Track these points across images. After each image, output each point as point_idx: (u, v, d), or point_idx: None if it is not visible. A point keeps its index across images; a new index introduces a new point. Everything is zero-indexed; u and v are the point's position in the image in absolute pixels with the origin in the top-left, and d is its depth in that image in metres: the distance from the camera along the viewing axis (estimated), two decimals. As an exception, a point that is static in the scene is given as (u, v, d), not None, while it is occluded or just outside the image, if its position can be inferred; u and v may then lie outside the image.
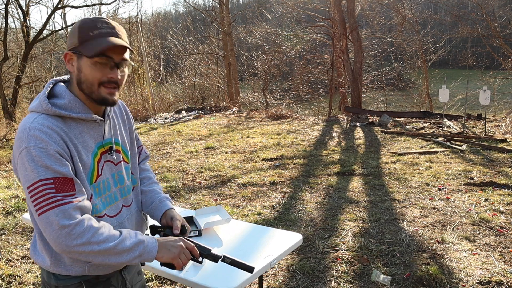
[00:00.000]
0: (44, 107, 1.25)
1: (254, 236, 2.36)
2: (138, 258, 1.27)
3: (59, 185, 1.18)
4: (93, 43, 1.24)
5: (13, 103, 15.85)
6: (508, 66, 18.15)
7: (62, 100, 1.28)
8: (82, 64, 1.26)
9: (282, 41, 20.52)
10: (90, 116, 1.31)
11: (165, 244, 1.32)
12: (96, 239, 1.19)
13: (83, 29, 1.25)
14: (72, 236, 1.17)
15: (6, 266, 3.55)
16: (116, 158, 1.44)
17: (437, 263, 3.37)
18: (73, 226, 1.17)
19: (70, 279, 1.35)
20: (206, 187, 5.87)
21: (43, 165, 1.18)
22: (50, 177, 1.18)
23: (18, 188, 6.06)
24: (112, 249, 1.21)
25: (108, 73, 1.28)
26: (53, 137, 1.21)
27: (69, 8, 28.70)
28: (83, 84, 1.28)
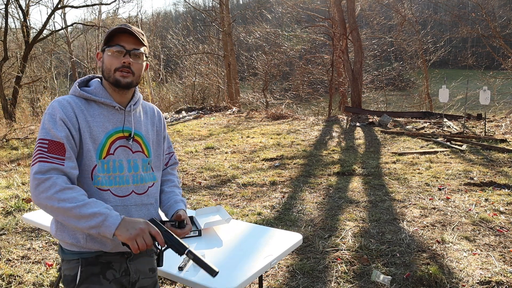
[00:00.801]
0: (73, 89, 1.55)
1: (254, 236, 2.36)
2: (96, 229, 1.34)
3: (51, 147, 1.40)
4: (107, 35, 1.53)
5: (13, 103, 15.85)
6: (508, 66, 18.15)
7: (90, 87, 1.56)
8: (104, 56, 1.54)
9: (282, 41, 20.52)
10: (110, 102, 1.54)
11: (127, 223, 1.36)
12: (59, 196, 1.33)
13: (110, 31, 1.53)
14: (40, 188, 1.34)
15: (6, 266, 3.55)
16: (134, 147, 1.59)
17: (437, 263, 3.37)
18: (43, 180, 1.35)
19: (72, 254, 1.50)
20: (206, 187, 5.87)
21: (47, 127, 1.43)
22: (47, 138, 1.41)
23: (18, 188, 6.06)
24: (70, 210, 1.33)
25: (122, 60, 1.52)
26: (66, 108, 1.46)
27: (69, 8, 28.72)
28: (105, 72, 1.54)
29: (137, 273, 1.59)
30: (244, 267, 1.96)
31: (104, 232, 1.35)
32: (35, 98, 20.45)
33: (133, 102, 1.61)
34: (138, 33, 1.54)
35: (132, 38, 1.52)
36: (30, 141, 10.34)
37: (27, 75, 19.39)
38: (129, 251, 1.44)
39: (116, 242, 1.48)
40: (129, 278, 1.57)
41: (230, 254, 2.13)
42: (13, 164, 7.88)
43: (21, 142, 10.29)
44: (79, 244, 1.48)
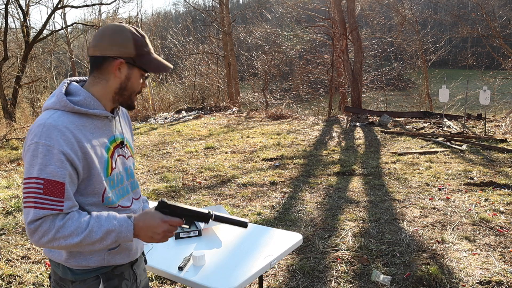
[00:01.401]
0: (62, 103, 1.31)
1: (254, 236, 2.36)
2: (114, 244, 1.30)
3: (48, 188, 1.22)
4: (151, 60, 1.40)
5: (13, 103, 15.85)
6: (508, 66, 18.15)
7: (78, 97, 1.34)
8: (132, 74, 1.39)
9: (282, 41, 20.52)
10: (104, 113, 1.38)
11: (146, 229, 1.31)
12: (62, 234, 1.22)
13: (138, 43, 1.37)
14: (39, 234, 1.21)
15: (6, 266, 3.55)
16: (126, 152, 1.51)
17: (437, 263, 3.37)
18: (38, 226, 1.21)
19: (87, 273, 1.38)
20: (206, 187, 5.87)
21: (42, 163, 1.22)
22: (43, 177, 1.21)
23: (18, 188, 6.06)
24: (80, 242, 1.24)
25: (142, 85, 1.45)
26: (66, 136, 1.26)
27: (69, 8, 28.70)
28: (126, 91, 1.40)
29: (140, 276, 1.58)
30: (244, 267, 1.96)
31: (122, 242, 1.32)
32: (35, 98, 20.46)
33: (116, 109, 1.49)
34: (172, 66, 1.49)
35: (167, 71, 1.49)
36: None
37: (27, 75, 19.39)
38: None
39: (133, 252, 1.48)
40: (137, 284, 1.54)
41: (230, 254, 2.13)
42: (13, 164, 7.88)
43: (21, 142, 10.30)
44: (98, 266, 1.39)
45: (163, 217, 1.32)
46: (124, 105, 1.45)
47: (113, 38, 1.35)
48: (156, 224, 1.31)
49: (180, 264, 1.98)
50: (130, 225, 1.29)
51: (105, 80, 1.38)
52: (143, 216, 1.33)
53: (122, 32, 1.35)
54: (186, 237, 2.35)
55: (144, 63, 1.38)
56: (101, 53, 1.35)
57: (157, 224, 1.31)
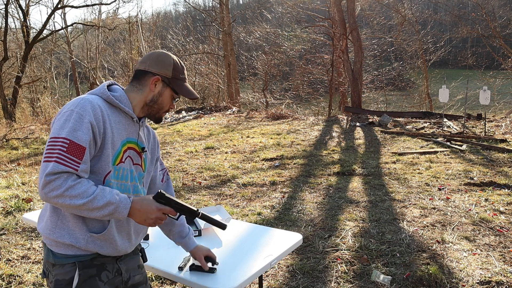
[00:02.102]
0: (101, 91, 1.54)
1: (254, 236, 2.36)
2: (109, 216, 1.43)
3: (72, 148, 1.38)
4: (183, 85, 1.65)
5: (13, 103, 15.85)
6: (508, 66, 18.15)
7: (116, 93, 1.58)
8: (164, 92, 1.62)
9: (282, 41, 20.52)
10: (131, 112, 1.58)
11: (141, 212, 1.47)
12: (70, 193, 1.35)
13: (176, 69, 1.63)
14: (50, 187, 1.34)
15: (6, 266, 3.55)
16: (138, 160, 1.65)
17: (437, 263, 3.37)
18: (53, 179, 1.34)
19: (65, 258, 1.50)
20: (206, 187, 5.87)
21: (72, 127, 1.39)
22: (69, 138, 1.38)
23: (18, 188, 6.06)
24: (82, 205, 1.37)
25: (171, 104, 1.67)
26: (96, 111, 1.45)
27: (69, 8, 28.72)
28: (156, 105, 1.63)
29: (127, 271, 1.66)
30: (244, 267, 1.96)
31: (117, 218, 1.45)
32: (35, 98, 20.46)
33: (144, 118, 1.68)
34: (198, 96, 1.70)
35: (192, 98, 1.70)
36: (30, 141, 10.34)
37: (27, 75, 19.39)
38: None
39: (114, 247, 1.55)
40: (121, 278, 1.62)
41: (230, 254, 2.13)
42: (13, 164, 7.88)
43: (21, 142, 10.30)
44: (78, 246, 1.48)
45: (158, 206, 1.50)
46: (152, 118, 1.66)
47: (159, 59, 1.61)
48: (151, 209, 1.48)
49: (180, 264, 1.98)
50: (128, 203, 1.44)
51: (141, 91, 1.61)
52: (141, 200, 1.49)
53: (167, 57, 1.62)
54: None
55: (176, 86, 1.63)
56: (145, 68, 1.61)
57: (152, 210, 1.48)
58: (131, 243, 1.64)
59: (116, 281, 1.60)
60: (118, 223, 1.56)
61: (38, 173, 6.92)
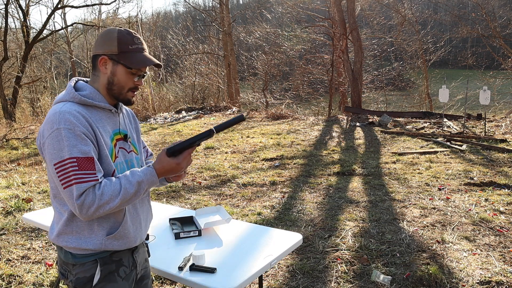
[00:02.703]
0: (71, 95, 1.47)
1: (254, 236, 2.36)
2: (147, 191, 1.54)
3: (81, 164, 1.37)
4: (134, 57, 1.51)
5: (13, 103, 15.85)
6: (508, 66, 18.14)
7: (85, 91, 1.51)
8: (117, 71, 1.51)
9: (282, 41, 20.51)
10: (107, 106, 1.53)
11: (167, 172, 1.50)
12: (104, 200, 1.37)
13: (122, 41, 1.49)
14: (86, 206, 1.36)
15: (6, 266, 3.55)
16: (128, 147, 1.64)
17: (437, 263, 3.37)
18: (84, 199, 1.36)
19: (86, 257, 1.51)
20: (206, 187, 5.87)
21: (70, 144, 1.37)
22: (74, 156, 1.36)
23: (18, 188, 6.06)
24: (121, 202, 1.40)
25: (136, 82, 1.55)
26: (80, 119, 1.41)
27: (69, 8, 28.72)
28: (115, 86, 1.53)
29: (140, 264, 1.68)
30: (244, 267, 1.96)
31: (153, 186, 1.50)
32: (35, 98, 20.45)
33: (120, 105, 1.64)
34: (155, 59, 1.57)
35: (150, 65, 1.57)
36: (30, 141, 10.34)
37: (27, 75, 19.39)
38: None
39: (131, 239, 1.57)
40: (136, 271, 1.65)
41: (230, 254, 2.13)
42: (13, 164, 7.88)
43: (21, 142, 10.30)
44: (96, 249, 1.50)
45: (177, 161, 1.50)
46: (120, 100, 1.57)
47: (101, 38, 1.51)
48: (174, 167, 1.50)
49: (180, 264, 1.98)
50: (151, 170, 1.47)
51: (98, 77, 1.54)
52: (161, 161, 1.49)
53: (109, 33, 1.51)
54: (186, 237, 2.35)
55: (126, 59, 1.49)
56: (93, 52, 1.53)
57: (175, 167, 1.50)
58: (142, 230, 1.66)
59: (132, 276, 1.62)
60: (131, 215, 1.57)
61: (38, 173, 6.92)
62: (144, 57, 1.52)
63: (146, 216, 1.70)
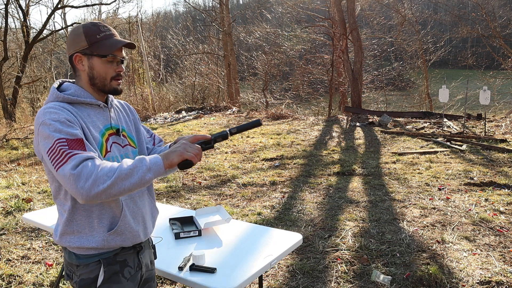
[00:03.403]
0: (54, 95, 1.47)
1: (254, 236, 2.36)
2: (149, 173, 1.34)
3: (71, 144, 1.33)
4: (104, 43, 1.49)
5: (13, 103, 15.85)
6: (508, 66, 18.14)
7: (69, 90, 1.51)
8: (94, 63, 1.50)
9: (282, 41, 20.51)
10: (94, 101, 1.52)
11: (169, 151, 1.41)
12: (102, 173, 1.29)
13: (89, 33, 1.48)
14: (83, 178, 1.27)
15: (6, 266, 3.55)
16: (123, 141, 1.61)
17: (437, 263, 3.37)
18: (80, 169, 1.28)
19: (89, 258, 1.50)
20: (206, 187, 5.87)
21: (56, 129, 1.34)
22: (63, 137, 1.33)
23: (18, 188, 6.06)
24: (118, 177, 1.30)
25: (116, 69, 1.54)
26: (66, 111, 1.41)
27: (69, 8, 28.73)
28: (96, 79, 1.52)
29: (146, 265, 1.67)
30: (244, 267, 1.96)
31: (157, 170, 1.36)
32: (35, 98, 20.46)
33: (110, 99, 1.63)
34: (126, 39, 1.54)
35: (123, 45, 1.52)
36: (30, 141, 10.34)
37: (27, 75, 19.39)
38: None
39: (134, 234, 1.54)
40: (141, 272, 1.63)
41: (230, 254, 2.13)
42: (13, 164, 7.88)
43: (21, 142, 10.29)
44: (100, 247, 1.48)
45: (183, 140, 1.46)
46: (106, 92, 1.55)
47: (70, 38, 1.52)
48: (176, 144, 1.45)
49: (180, 264, 1.98)
50: (156, 156, 1.38)
51: (79, 76, 1.54)
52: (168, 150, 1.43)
53: (75, 30, 1.51)
54: (186, 237, 2.35)
55: (98, 49, 1.48)
56: (68, 54, 1.53)
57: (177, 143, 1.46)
58: (146, 225, 1.64)
59: (137, 277, 1.61)
60: (130, 209, 1.54)
61: (38, 173, 6.92)
62: (115, 40, 1.50)
63: (149, 211, 1.67)
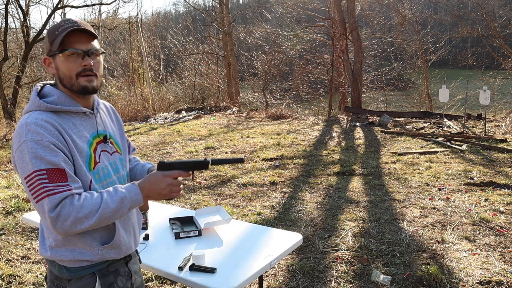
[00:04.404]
0: (36, 104, 1.37)
1: (254, 236, 2.36)
2: (130, 210, 1.38)
3: (51, 176, 1.27)
4: (59, 38, 1.36)
5: (13, 103, 15.85)
6: (508, 66, 18.14)
7: (52, 97, 1.40)
8: (57, 62, 1.40)
9: (282, 41, 20.51)
10: (79, 109, 1.43)
11: (152, 187, 1.40)
12: (82, 214, 1.27)
13: (50, 32, 1.40)
14: (61, 219, 1.26)
15: (6, 266, 3.55)
16: (111, 148, 1.55)
17: (437, 263, 3.37)
18: (59, 210, 1.26)
19: (83, 270, 1.43)
20: (206, 187, 5.88)
21: (37, 156, 1.27)
22: (43, 168, 1.27)
23: (18, 188, 6.06)
24: (100, 218, 1.30)
25: (82, 63, 1.39)
26: (48, 129, 1.31)
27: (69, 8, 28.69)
28: (63, 79, 1.41)
29: (135, 273, 1.63)
30: (244, 267, 1.96)
31: (136, 206, 1.39)
32: (35, 98, 20.42)
33: (96, 104, 1.54)
34: (86, 26, 1.39)
35: (84, 36, 1.39)
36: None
37: (27, 75, 19.37)
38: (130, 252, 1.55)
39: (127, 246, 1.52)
40: (131, 281, 1.59)
41: (230, 254, 2.13)
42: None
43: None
44: (93, 260, 1.43)
45: (164, 173, 1.42)
46: (76, 92, 1.41)
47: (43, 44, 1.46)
48: (159, 180, 1.40)
49: (180, 264, 1.98)
50: (136, 188, 1.37)
51: (56, 80, 1.46)
52: (146, 178, 1.42)
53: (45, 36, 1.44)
54: (186, 237, 2.35)
55: (54, 45, 1.38)
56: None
57: (159, 180, 1.40)
58: (136, 235, 1.62)
59: (128, 286, 1.56)
60: (122, 222, 1.51)
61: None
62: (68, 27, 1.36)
63: (136, 220, 1.64)
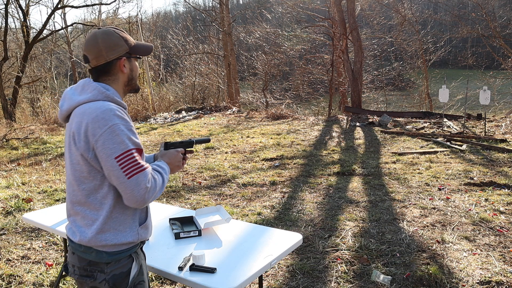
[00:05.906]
0: (104, 95, 1.56)
1: (254, 236, 2.36)
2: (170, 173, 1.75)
3: (139, 155, 1.52)
4: (140, 47, 1.68)
5: (13, 103, 15.85)
6: (508, 66, 18.15)
7: (109, 91, 1.60)
8: (133, 65, 1.68)
9: (282, 41, 20.52)
10: (125, 105, 1.67)
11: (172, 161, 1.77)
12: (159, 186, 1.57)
13: (126, 38, 1.64)
14: (150, 193, 1.52)
15: (6, 266, 3.55)
16: None
17: (437, 263, 3.37)
18: (152, 182, 1.53)
19: (120, 253, 1.58)
20: (206, 187, 5.87)
21: (128, 138, 1.49)
22: (133, 147, 1.50)
23: (18, 188, 6.06)
24: (163, 189, 1.61)
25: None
26: (126, 115, 1.57)
27: (69, 8, 28.74)
28: (133, 80, 1.70)
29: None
30: (244, 267, 1.96)
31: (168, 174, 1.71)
32: (35, 98, 20.45)
33: None
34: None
35: None
36: (30, 141, 10.34)
37: (27, 75, 19.38)
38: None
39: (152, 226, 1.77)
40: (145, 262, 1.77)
41: (230, 254, 2.13)
42: (13, 164, 7.88)
43: (21, 142, 10.29)
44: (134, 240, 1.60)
45: (177, 150, 1.80)
46: (132, 91, 1.72)
47: (108, 44, 1.59)
48: (175, 155, 1.78)
49: (180, 264, 1.98)
50: (162, 162, 1.72)
51: (116, 79, 1.64)
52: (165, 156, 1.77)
53: (112, 35, 1.60)
54: (186, 237, 2.35)
55: (136, 52, 1.67)
56: (105, 60, 1.59)
57: (176, 155, 1.78)
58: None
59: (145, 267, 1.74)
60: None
61: (38, 173, 6.92)
62: (144, 45, 1.71)
63: None
